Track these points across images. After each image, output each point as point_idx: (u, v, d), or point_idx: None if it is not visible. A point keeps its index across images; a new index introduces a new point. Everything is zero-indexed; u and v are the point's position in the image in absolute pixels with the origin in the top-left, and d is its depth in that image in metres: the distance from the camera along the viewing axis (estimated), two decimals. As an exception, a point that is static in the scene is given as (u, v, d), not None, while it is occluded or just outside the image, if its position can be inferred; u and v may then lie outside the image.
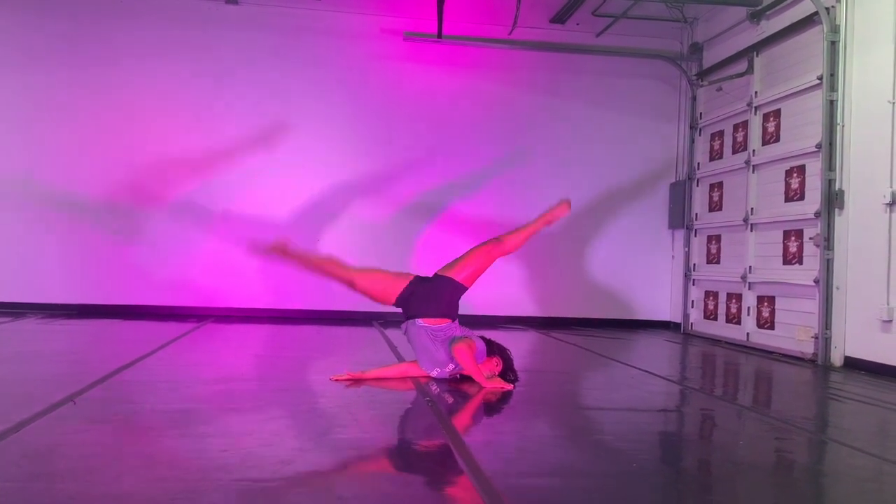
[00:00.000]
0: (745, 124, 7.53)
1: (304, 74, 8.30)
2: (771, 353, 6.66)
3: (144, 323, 7.19)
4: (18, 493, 2.24)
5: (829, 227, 6.00)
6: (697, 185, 8.50)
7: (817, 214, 6.14)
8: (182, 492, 2.26)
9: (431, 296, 4.33)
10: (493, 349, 4.39)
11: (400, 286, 4.33)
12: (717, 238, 8.07)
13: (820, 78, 6.18)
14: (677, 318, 8.68)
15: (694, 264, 8.51)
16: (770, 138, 7.11)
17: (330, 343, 6.30)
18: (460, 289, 4.42)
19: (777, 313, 6.85)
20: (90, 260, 7.93)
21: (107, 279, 7.96)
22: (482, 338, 4.39)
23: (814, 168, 6.33)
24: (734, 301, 7.60)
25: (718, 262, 8.03)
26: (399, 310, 4.42)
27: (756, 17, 7.28)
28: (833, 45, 6.07)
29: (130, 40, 8.05)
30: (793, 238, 6.64)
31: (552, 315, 8.61)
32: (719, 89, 7.96)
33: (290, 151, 8.25)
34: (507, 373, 4.36)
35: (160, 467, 2.51)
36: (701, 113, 8.49)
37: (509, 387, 4.23)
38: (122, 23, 8.04)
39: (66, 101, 7.93)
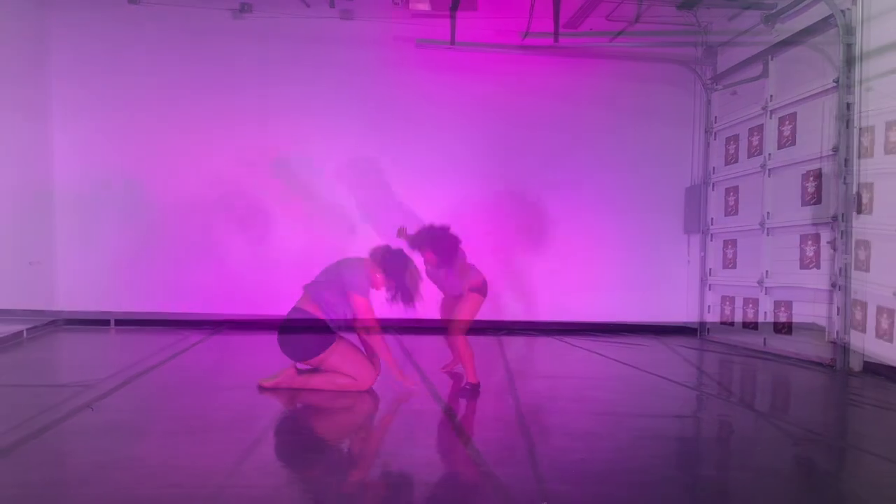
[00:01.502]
0: (760, 128, 7.48)
1: (316, 82, 8.32)
2: (789, 358, 6.60)
3: (160, 331, 7.24)
4: (36, 498, 2.26)
5: (847, 231, 5.94)
6: (713, 190, 8.44)
7: (834, 218, 6.08)
8: (198, 498, 2.27)
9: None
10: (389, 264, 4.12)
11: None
12: (734, 242, 8.01)
13: (836, 81, 6.13)
14: (693, 324, 8.62)
15: (710, 269, 8.45)
16: (786, 142, 7.06)
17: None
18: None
19: (794, 318, 6.79)
20: (110, 269, 8.00)
21: (125, 288, 8.02)
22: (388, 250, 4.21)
23: (830, 172, 6.27)
24: (751, 306, 7.54)
25: (735, 266, 7.97)
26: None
27: (770, 20, 7.23)
28: (849, 47, 6.02)
29: (140, 50, 8.10)
30: (810, 242, 6.58)
31: (566, 320, 8.58)
32: (734, 93, 7.91)
33: (301, 159, 8.28)
34: (398, 293, 4.13)
35: (177, 474, 2.52)
36: (716, 117, 8.44)
37: (413, 386, 4.23)
38: (132, 31, 8.10)
39: (76, 108, 7.99)
